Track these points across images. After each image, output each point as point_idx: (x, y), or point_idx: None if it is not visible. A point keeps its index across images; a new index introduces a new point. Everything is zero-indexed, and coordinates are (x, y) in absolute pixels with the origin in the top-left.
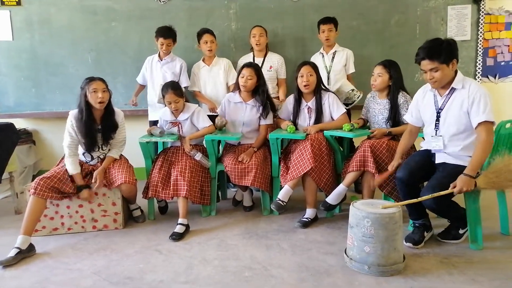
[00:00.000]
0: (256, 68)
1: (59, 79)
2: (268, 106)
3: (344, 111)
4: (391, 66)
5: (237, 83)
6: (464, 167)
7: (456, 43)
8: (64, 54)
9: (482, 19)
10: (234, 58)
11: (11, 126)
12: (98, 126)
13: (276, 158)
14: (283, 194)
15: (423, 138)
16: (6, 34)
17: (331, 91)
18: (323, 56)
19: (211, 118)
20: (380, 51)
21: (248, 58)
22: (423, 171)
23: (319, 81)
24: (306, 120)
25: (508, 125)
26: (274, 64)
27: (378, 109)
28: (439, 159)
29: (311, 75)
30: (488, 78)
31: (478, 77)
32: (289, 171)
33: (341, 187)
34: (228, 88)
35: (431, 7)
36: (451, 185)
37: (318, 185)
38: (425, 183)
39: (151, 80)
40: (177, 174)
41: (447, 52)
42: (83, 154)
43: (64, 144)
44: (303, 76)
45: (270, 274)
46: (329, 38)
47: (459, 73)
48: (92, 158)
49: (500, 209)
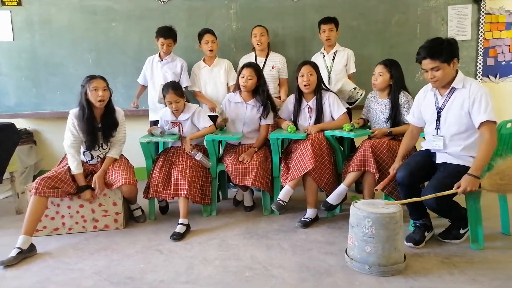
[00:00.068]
0: (256, 68)
1: (59, 79)
2: (268, 106)
3: (344, 111)
4: (392, 66)
5: (237, 83)
6: (465, 167)
7: (457, 43)
8: (64, 54)
9: (482, 19)
10: (235, 58)
11: (12, 126)
12: (98, 125)
13: (276, 158)
14: (284, 194)
15: (423, 138)
16: (7, 34)
17: (331, 91)
18: (324, 56)
19: (212, 118)
20: (380, 51)
21: (250, 57)
22: (424, 171)
23: (320, 80)
24: (306, 120)
25: (509, 125)
26: (276, 64)
27: (378, 108)
28: (440, 159)
29: (312, 75)
30: (488, 78)
31: (479, 77)
32: (289, 171)
33: (341, 187)
34: (229, 89)
35: (432, 7)
36: (455, 185)
37: (318, 185)
38: (425, 183)
39: (152, 80)
40: (177, 174)
41: (448, 51)
42: (83, 153)
43: (66, 144)
44: (303, 76)
45: (270, 274)
46: (330, 38)
47: (460, 72)
48: (92, 157)
49: (501, 209)
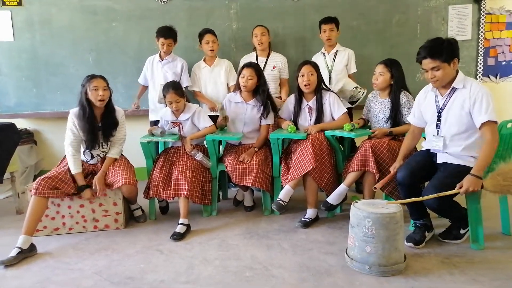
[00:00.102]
0: (256, 68)
1: (59, 79)
2: (268, 106)
3: (344, 110)
4: (392, 65)
5: (237, 83)
6: (466, 167)
7: (457, 43)
8: (65, 54)
9: (483, 19)
10: (235, 58)
11: (12, 126)
12: (98, 124)
13: (277, 158)
14: (284, 194)
15: (424, 138)
16: (7, 34)
17: (332, 91)
18: (324, 56)
19: (212, 118)
20: (380, 51)
21: (251, 57)
22: (424, 171)
23: (320, 80)
24: (307, 120)
25: (509, 125)
26: (278, 64)
27: (379, 108)
28: (441, 159)
29: (312, 75)
30: (489, 77)
31: (479, 76)
32: (290, 171)
33: (342, 187)
34: (229, 89)
35: (432, 6)
36: (458, 185)
37: (319, 185)
38: (425, 183)
39: (152, 80)
40: (178, 174)
41: (448, 51)
42: (83, 153)
43: (66, 143)
44: (303, 76)
45: (271, 274)
46: (330, 38)
47: (460, 72)
48: (92, 157)
49: (501, 209)
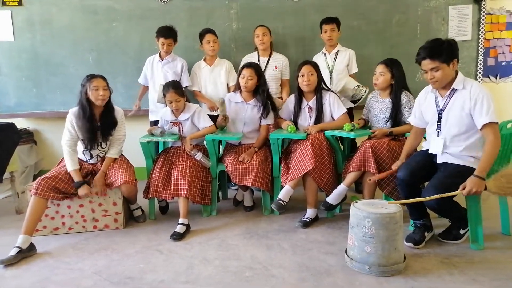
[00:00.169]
0: (256, 68)
1: (59, 79)
2: (268, 106)
3: (344, 111)
4: (393, 65)
5: (238, 84)
6: (466, 167)
7: (457, 44)
8: (65, 54)
9: (483, 19)
10: (235, 58)
11: (12, 126)
12: (97, 124)
13: (276, 158)
14: (284, 194)
15: (425, 138)
16: (7, 34)
17: (332, 91)
18: (325, 56)
19: (212, 118)
20: (380, 51)
21: (252, 57)
22: (424, 171)
23: (320, 80)
24: (306, 120)
25: (509, 125)
26: (279, 64)
27: (379, 108)
28: (441, 159)
29: (312, 75)
30: (489, 78)
31: (479, 77)
32: (289, 171)
33: (341, 187)
34: (229, 89)
35: (432, 7)
36: (461, 186)
37: (318, 185)
38: (425, 184)
39: (152, 80)
40: (177, 174)
41: (447, 52)
42: (83, 152)
43: (62, 142)
44: (303, 76)
45: (270, 274)
46: (331, 38)
47: (460, 73)
48: (92, 156)
49: (501, 209)
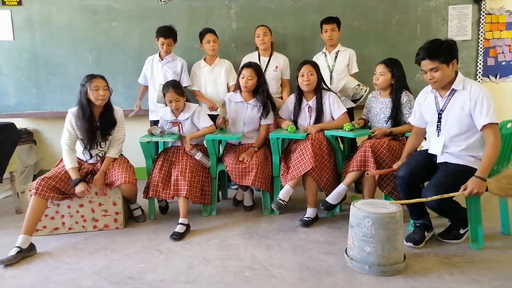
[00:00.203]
0: (256, 68)
1: (59, 79)
2: (268, 106)
3: (344, 110)
4: (393, 65)
5: (238, 83)
6: (466, 166)
7: (456, 44)
8: (65, 54)
9: (483, 19)
10: (235, 58)
11: (12, 126)
12: (97, 123)
13: (276, 157)
14: (284, 193)
15: (425, 138)
16: (7, 34)
17: (332, 91)
18: (325, 55)
19: (211, 117)
20: (380, 51)
21: (253, 57)
22: (424, 171)
23: (320, 80)
24: (306, 119)
25: (509, 125)
26: (280, 64)
27: (379, 107)
28: (441, 159)
29: (312, 75)
30: (489, 78)
31: (479, 77)
32: (289, 171)
33: (341, 187)
34: (229, 89)
35: (432, 7)
36: (462, 187)
37: (318, 184)
38: (425, 183)
39: (152, 80)
40: (177, 174)
41: (447, 52)
42: (82, 152)
43: (61, 141)
44: (303, 75)
45: (270, 274)
46: (332, 37)
47: (460, 74)
48: (91, 156)
49: (500, 208)
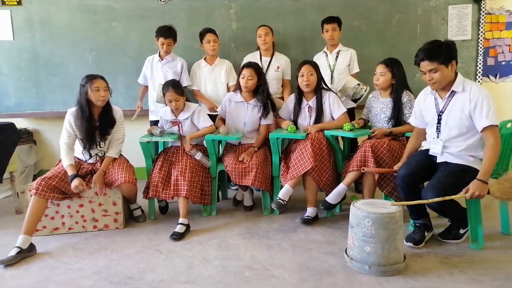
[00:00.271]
0: (256, 68)
1: (59, 79)
2: (268, 106)
3: (344, 110)
4: (393, 65)
5: (238, 83)
6: (466, 166)
7: (455, 45)
8: (65, 54)
9: (482, 19)
10: (235, 58)
11: (11, 126)
12: (96, 123)
13: (276, 157)
14: (284, 193)
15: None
16: (7, 34)
17: (332, 91)
18: (326, 55)
19: (211, 117)
20: (381, 50)
21: (254, 56)
22: (424, 171)
23: (320, 80)
24: (306, 119)
25: (509, 125)
26: (282, 65)
27: (380, 107)
28: (441, 159)
29: (312, 75)
30: (488, 77)
31: (479, 76)
32: (289, 171)
33: (341, 187)
34: (229, 89)
35: (432, 6)
36: (464, 189)
37: (318, 184)
38: (425, 183)
39: (152, 79)
40: (177, 174)
41: (446, 53)
42: (82, 152)
43: (60, 141)
44: (303, 75)
45: (271, 274)
46: (333, 37)
47: (459, 75)
48: (90, 156)
49: (500, 208)
